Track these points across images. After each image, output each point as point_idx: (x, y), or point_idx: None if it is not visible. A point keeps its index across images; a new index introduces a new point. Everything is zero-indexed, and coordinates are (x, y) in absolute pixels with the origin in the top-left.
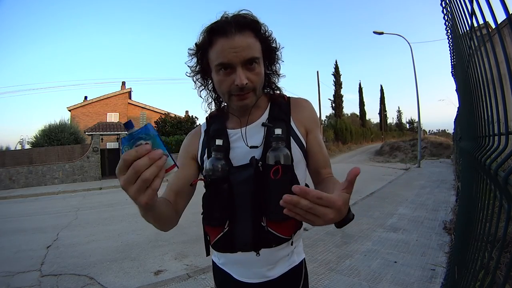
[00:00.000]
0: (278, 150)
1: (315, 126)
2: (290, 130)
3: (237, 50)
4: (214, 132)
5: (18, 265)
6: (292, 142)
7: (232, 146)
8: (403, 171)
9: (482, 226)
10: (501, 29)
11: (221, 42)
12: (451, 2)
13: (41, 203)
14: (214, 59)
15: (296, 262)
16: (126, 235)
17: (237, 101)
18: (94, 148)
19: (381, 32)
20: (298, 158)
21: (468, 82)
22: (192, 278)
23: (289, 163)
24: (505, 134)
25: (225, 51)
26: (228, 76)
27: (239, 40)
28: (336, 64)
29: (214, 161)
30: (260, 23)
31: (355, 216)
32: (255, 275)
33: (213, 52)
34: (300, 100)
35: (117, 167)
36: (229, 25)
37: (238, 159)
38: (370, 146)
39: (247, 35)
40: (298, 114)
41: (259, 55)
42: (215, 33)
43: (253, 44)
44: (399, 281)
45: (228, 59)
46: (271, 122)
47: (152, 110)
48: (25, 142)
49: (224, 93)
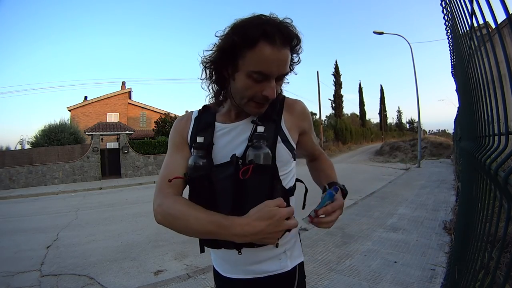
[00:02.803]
0: (257, 149)
1: (308, 128)
2: (279, 131)
3: (280, 63)
4: (202, 124)
5: (18, 265)
6: (279, 143)
7: (216, 142)
8: (403, 171)
9: (482, 226)
10: (501, 29)
11: (267, 50)
12: (451, 2)
13: (41, 203)
14: (251, 63)
15: (288, 267)
16: (126, 235)
17: (255, 108)
18: (94, 148)
19: (381, 32)
20: (285, 158)
21: (468, 82)
22: (192, 278)
23: (268, 163)
24: (505, 134)
25: (269, 61)
26: (259, 84)
27: (284, 54)
28: (336, 64)
29: (196, 159)
30: (301, 39)
31: (355, 216)
32: (241, 271)
33: (253, 55)
34: (294, 102)
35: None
36: (280, 35)
37: (221, 156)
38: (370, 146)
39: (289, 48)
40: (291, 116)
41: (289, 70)
42: (262, 38)
43: (289, 59)
44: (399, 281)
45: (270, 70)
46: (261, 121)
47: (152, 110)
48: (25, 142)
49: (245, 97)
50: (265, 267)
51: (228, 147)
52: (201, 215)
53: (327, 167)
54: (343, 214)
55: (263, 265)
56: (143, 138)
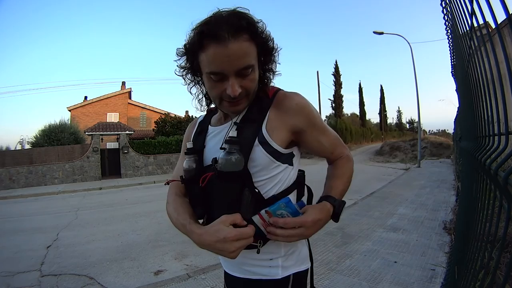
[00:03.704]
0: (225, 154)
1: (305, 125)
2: (257, 133)
3: (230, 59)
4: (199, 128)
5: (18, 265)
6: (256, 146)
7: (207, 145)
8: (403, 171)
9: (482, 226)
10: (501, 29)
11: (213, 49)
12: (451, 2)
13: (41, 203)
14: (205, 65)
15: (278, 275)
16: (126, 235)
17: (228, 107)
18: (94, 148)
19: (381, 32)
20: (264, 163)
21: (468, 82)
22: (192, 278)
23: (234, 169)
24: (505, 134)
25: (217, 60)
26: (220, 83)
27: (234, 47)
28: (336, 64)
29: (188, 163)
30: (256, 25)
31: (355, 216)
32: (237, 270)
33: (204, 56)
34: (285, 97)
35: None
36: (221, 30)
37: (209, 159)
38: (370, 146)
39: (242, 39)
40: (278, 112)
41: (254, 62)
42: (206, 37)
43: (248, 50)
44: (399, 281)
45: (221, 68)
46: (243, 122)
47: (152, 110)
48: (25, 142)
49: (215, 98)
50: (256, 269)
51: (214, 149)
52: (177, 216)
53: (333, 176)
54: (343, 214)
55: (254, 268)
56: (143, 138)
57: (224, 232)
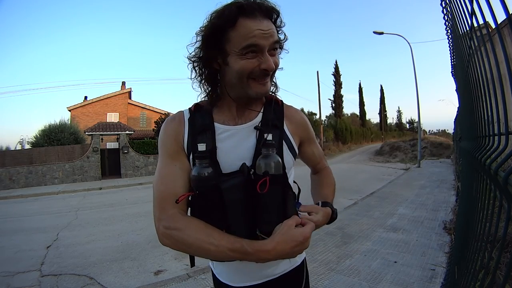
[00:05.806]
0: (269, 158)
1: (307, 138)
2: (284, 136)
3: (266, 33)
4: (199, 126)
5: (18, 265)
6: (284, 149)
7: (219, 146)
8: (403, 171)
9: (482, 226)
10: (501, 29)
11: (249, 24)
12: (451, 2)
13: (41, 203)
14: (238, 41)
15: (297, 262)
16: (126, 235)
17: (257, 86)
18: (94, 148)
19: (381, 32)
20: (290, 165)
21: (468, 82)
22: (192, 278)
23: (280, 172)
24: (505, 134)
25: (255, 34)
26: (252, 60)
27: (267, 25)
28: (336, 64)
29: (200, 169)
30: (280, 12)
31: (355, 216)
32: (255, 277)
33: (237, 33)
34: (295, 111)
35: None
36: (257, 8)
37: (226, 163)
38: (370, 146)
39: (269, 21)
40: (292, 122)
41: (278, 39)
42: (241, 14)
43: (275, 30)
44: (399, 281)
45: (258, 42)
46: (264, 126)
47: (152, 110)
48: (25, 142)
49: (244, 77)
50: (279, 268)
51: (233, 153)
52: (220, 242)
53: (325, 185)
54: (343, 214)
55: (278, 268)
56: (143, 138)
57: (299, 234)
